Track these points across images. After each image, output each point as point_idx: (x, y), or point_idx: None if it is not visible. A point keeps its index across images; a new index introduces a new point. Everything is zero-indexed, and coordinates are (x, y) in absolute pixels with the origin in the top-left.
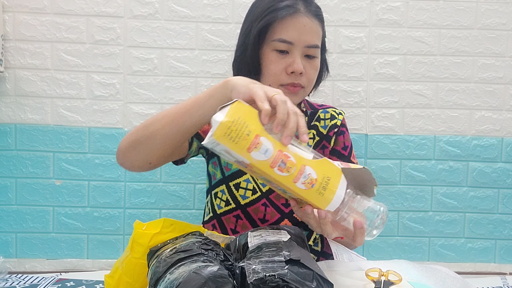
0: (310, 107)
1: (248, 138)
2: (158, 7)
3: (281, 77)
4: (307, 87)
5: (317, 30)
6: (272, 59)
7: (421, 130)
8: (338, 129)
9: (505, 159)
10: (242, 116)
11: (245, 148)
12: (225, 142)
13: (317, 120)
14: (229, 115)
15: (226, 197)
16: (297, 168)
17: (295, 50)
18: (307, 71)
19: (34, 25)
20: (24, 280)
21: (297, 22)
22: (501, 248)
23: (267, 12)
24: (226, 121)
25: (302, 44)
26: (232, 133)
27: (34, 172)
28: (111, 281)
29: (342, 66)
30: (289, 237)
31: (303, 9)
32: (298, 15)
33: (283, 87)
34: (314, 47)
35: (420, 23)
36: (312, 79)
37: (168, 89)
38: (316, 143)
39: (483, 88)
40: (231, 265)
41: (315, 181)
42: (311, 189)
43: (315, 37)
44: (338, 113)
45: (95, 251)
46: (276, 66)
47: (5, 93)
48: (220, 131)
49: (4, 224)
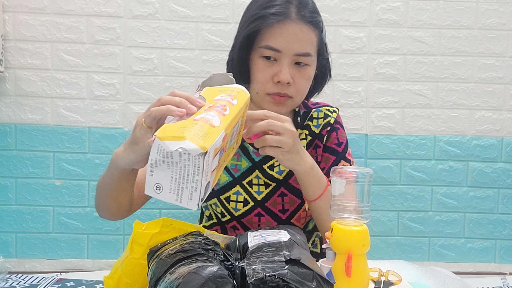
0: (304, 106)
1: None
2: (158, 7)
3: (268, 85)
4: (296, 98)
5: (308, 37)
6: (259, 66)
7: (421, 130)
8: (331, 127)
9: (505, 159)
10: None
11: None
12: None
13: (309, 119)
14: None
15: (220, 209)
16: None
17: (283, 58)
18: (296, 81)
19: (34, 25)
20: (24, 280)
21: (286, 29)
22: (501, 248)
23: (256, 17)
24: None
25: (291, 52)
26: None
27: (34, 172)
28: (111, 282)
29: (342, 66)
30: (289, 237)
31: (295, 15)
32: (287, 22)
33: (269, 96)
34: (304, 55)
35: (420, 23)
36: (302, 89)
37: (168, 89)
38: (309, 143)
39: (483, 88)
40: (231, 265)
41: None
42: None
43: (305, 45)
44: (332, 111)
45: (95, 251)
46: (262, 74)
47: (5, 93)
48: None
49: (4, 224)
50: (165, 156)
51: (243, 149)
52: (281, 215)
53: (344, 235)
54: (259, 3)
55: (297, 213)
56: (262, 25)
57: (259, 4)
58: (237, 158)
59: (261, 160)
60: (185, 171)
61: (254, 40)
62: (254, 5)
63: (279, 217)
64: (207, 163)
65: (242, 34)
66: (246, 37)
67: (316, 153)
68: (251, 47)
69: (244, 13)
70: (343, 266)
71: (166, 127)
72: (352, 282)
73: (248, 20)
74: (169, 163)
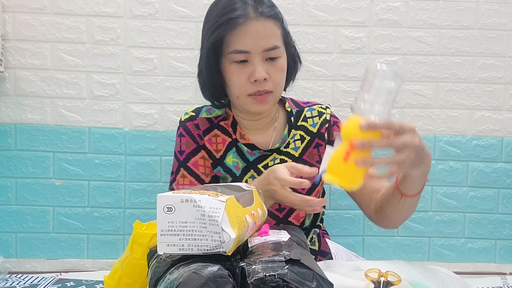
0: (295, 105)
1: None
2: (158, 7)
3: (246, 87)
4: (276, 91)
5: (272, 31)
6: (233, 71)
7: (421, 130)
8: (329, 123)
9: (505, 159)
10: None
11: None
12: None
13: (304, 120)
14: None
15: None
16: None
17: (253, 57)
18: (272, 75)
19: (34, 25)
20: (24, 280)
21: (249, 29)
22: (501, 248)
23: (217, 25)
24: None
25: (260, 49)
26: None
27: (34, 172)
28: (111, 282)
29: (342, 66)
30: (289, 237)
31: (253, 14)
32: (248, 22)
33: (251, 97)
34: (272, 49)
35: (420, 23)
36: (279, 82)
37: (168, 89)
38: (307, 143)
39: (483, 88)
40: (231, 265)
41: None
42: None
43: (272, 39)
44: (325, 108)
45: (95, 251)
46: (238, 78)
47: (5, 93)
48: (234, 246)
49: (4, 224)
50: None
51: (238, 150)
52: (278, 213)
53: (355, 125)
54: (217, 11)
55: (294, 212)
56: (225, 31)
57: (217, 13)
58: (236, 156)
59: (255, 160)
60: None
61: (220, 47)
62: (213, 14)
63: (276, 216)
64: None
65: (206, 45)
66: (212, 46)
67: (318, 152)
68: (220, 54)
69: (203, 24)
70: (344, 152)
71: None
72: (347, 168)
73: (210, 29)
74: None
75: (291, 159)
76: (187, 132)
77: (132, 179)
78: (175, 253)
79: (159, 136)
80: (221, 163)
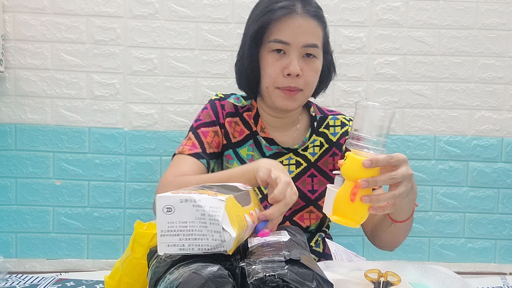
0: (319, 111)
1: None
2: (158, 7)
3: (278, 79)
4: (306, 90)
5: (315, 30)
6: (269, 60)
7: (421, 130)
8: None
9: (505, 159)
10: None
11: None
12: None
13: (326, 127)
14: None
15: None
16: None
17: (292, 50)
18: (305, 73)
19: (34, 25)
20: (24, 280)
21: (293, 22)
22: (501, 248)
23: (263, 13)
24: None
25: (299, 44)
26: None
27: (34, 172)
28: (112, 282)
29: (342, 66)
30: (289, 237)
31: (300, 10)
32: (293, 15)
33: (280, 90)
34: (311, 47)
35: (420, 23)
36: (311, 82)
37: (168, 89)
38: (325, 151)
39: (483, 88)
40: (231, 265)
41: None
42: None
43: (313, 37)
44: (348, 120)
45: (95, 251)
46: (272, 68)
47: (5, 93)
48: (234, 245)
49: (4, 224)
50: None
51: (256, 143)
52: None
53: (356, 163)
54: (265, 2)
55: (299, 213)
56: (270, 19)
57: (266, 4)
58: (252, 149)
59: (271, 155)
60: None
61: (262, 35)
62: (261, 5)
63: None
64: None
65: (250, 31)
66: (255, 32)
67: (333, 161)
68: (260, 42)
69: (250, 13)
70: (349, 192)
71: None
72: (354, 207)
73: (256, 16)
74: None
75: (306, 163)
76: (212, 107)
77: (132, 179)
78: (175, 253)
79: (159, 136)
80: (235, 151)
